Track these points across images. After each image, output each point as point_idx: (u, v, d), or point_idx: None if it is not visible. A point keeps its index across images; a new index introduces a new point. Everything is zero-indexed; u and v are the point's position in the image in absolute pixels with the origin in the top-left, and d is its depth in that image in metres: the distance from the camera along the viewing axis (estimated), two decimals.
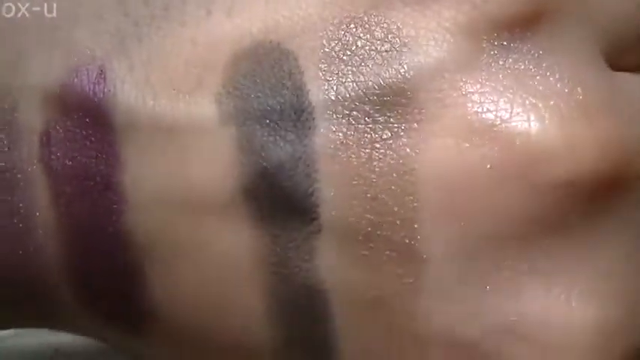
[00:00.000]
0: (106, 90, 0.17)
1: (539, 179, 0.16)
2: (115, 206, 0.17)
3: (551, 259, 0.16)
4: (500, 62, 0.16)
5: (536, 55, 0.16)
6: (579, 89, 0.16)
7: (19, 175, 0.18)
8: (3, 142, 0.18)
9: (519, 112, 0.16)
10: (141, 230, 0.17)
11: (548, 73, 0.16)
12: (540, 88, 0.16)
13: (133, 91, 0.17)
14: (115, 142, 0.17)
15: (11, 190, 0.18)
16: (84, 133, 0.18)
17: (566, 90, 0.16)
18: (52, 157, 0.18)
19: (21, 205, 0.18)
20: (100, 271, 0.18)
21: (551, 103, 0.16)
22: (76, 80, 0.18)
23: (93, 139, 0.17)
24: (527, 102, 0.16)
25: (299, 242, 0.17)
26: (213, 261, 0.17)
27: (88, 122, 0.17)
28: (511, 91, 0.16)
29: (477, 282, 0.16)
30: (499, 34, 0.16)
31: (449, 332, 0.17)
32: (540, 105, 0.16)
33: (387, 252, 0.16)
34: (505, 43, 0.16)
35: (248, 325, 0.18)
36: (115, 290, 0.18)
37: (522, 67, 0.16)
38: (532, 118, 0.16)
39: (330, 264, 0.17)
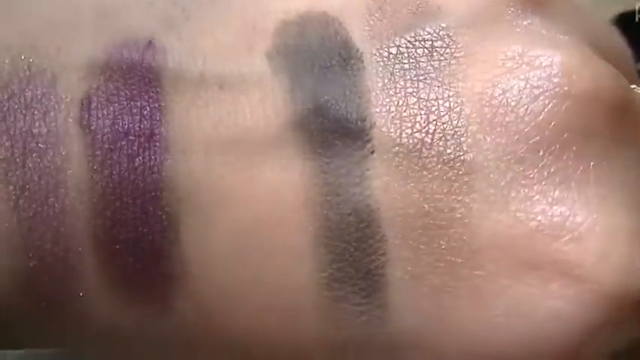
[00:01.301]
0: (154, 55, 0.18)
1: (567, 92, 0.18)
2: (154, 157, 0.18)
3: (582, 165, 0.18)
4: (521, 21, 0.19)
5: (549, 21, 0.19)
6: (586, 47, 0.19)
7: (53, 140, 0.18)
8: (40, 111, 0.18)
9: (545, 44, 0.19)
10: (182, 179, 0.18)
11: (560, 35, 0.19)
12: (557, 40, 0.19)
13: (181, 56, 0.18)
14: (161, 99, 0.18)
15: (44, 153, 0.17)
16: (128, 94, 0.18)
17: (578, 46, 0.19)
18: (92, 119, 0.18)
19: (51, 166, 0.17)
20: (130, 231, 0.18)
21: (570, 47, 0.19)
22: (124, 50, 0.18)
23: (137, 99, 0.18)
24: (550, 41, 0.19)
25: (351, 167, 0.18)
26: (259, 200, 0.18)
27: (133, 85, 0.18)
28: (535, 35, 0.19)
29: (524, 187, 0.18)
30: (515, 5, 0.19)
31: (499, 236, 0.18)
32: (562, 45, 0.19)
33: (439, 165, 0.18)
34: (521, 10, 0.19)
35: (292, 267, 0.18)
36: (144, 253, 0.18)
37: (538, 27, 0.19)
38: (557, 49, 0.19)
39: (382, 184, 0.18)
